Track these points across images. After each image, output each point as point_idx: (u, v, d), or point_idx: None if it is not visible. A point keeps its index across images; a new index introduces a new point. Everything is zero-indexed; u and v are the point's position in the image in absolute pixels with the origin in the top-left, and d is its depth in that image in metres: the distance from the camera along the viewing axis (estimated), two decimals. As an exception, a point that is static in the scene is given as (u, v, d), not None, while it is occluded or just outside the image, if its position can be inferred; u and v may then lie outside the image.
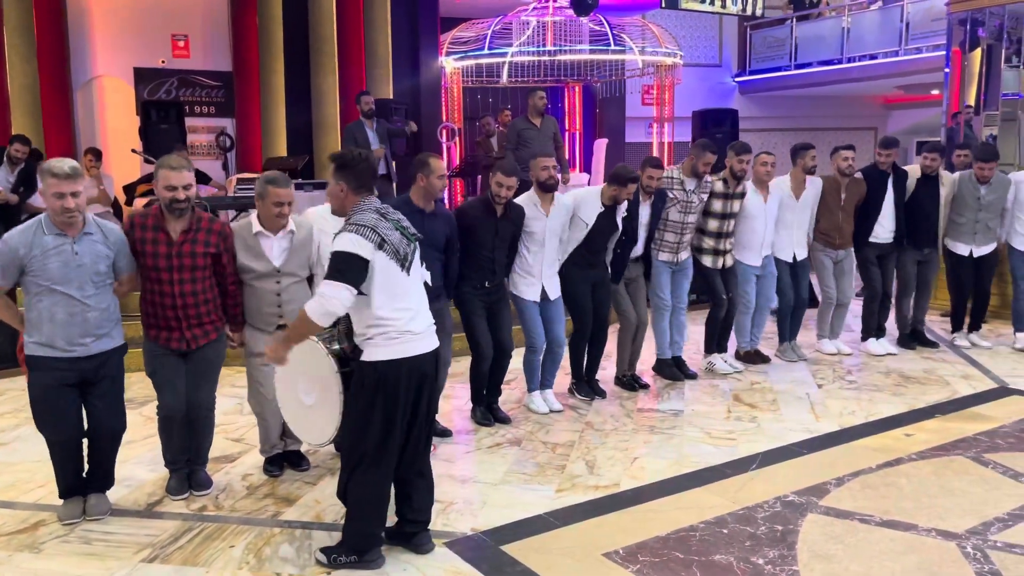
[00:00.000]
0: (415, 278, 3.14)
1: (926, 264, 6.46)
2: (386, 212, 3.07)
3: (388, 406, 3.02)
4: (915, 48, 11.92)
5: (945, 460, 4.19)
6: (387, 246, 2.98)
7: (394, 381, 3.01)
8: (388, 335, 3.01)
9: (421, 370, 3.09)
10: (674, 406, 5.16)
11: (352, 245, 2.92)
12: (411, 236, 3.13)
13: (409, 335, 3.04)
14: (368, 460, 3.06)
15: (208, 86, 10.04)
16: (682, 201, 5.46)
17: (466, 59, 9.92)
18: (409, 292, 3.09)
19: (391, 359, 3.00)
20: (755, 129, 13.77)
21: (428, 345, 3.12)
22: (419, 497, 3.26)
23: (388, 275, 3.00)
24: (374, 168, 3.15)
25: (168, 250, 3.57)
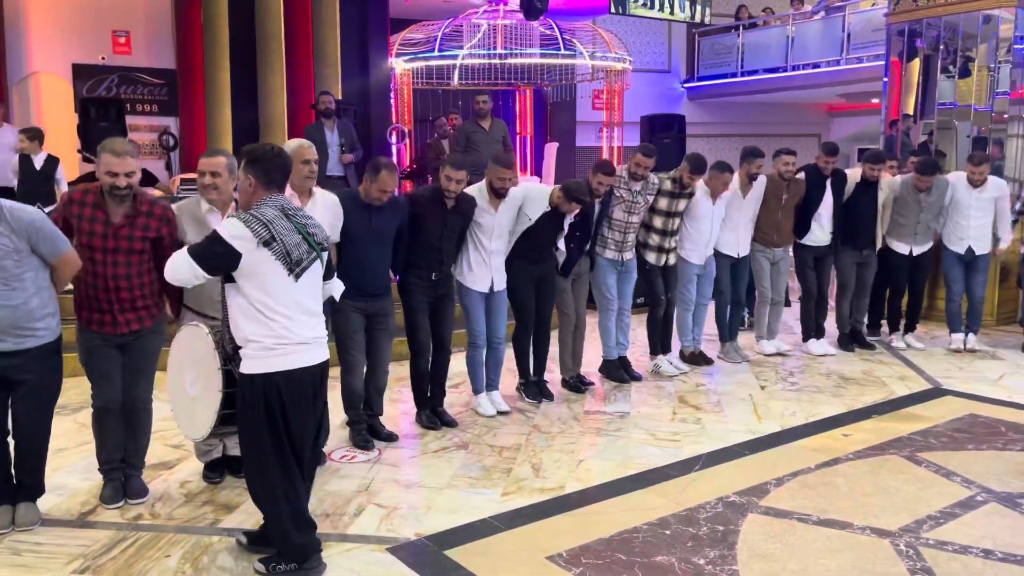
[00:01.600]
0: (307, 287, 2.99)
1: (864, 266, 6.64)
2: (292, 213, 2.98)
3: (271, 419, 2.93)
4: (856, 57, 12.24)
5: (881, 459, 4.30)
6: (275, 245, 2.86)
7: (274, 393, 2.90)
8: (263, 345, 2.89)
9: (303, 382, 2.97)
10: (620, 408, 5.20)
11: (226, 231, 2.85)
12: (315, 244, 3.01)
13: (287, 347, 2.91)
14: (269, 471, 2.98)
15: (150, 83, 9.82)
16: (627, 201, 5.52)
17: (416, 61, 9.87)
18: (294, 302, 2.94)
19: (266, 372, 2.89)
20: (703, 135, 13.99)
21: (311, 358, 2.99)
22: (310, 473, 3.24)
23: (272, 277, 2.87)
24: (287, 166, 3.06)
25: (104, 230, 3.43)
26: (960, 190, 6.50)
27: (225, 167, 3.65)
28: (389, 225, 4.38)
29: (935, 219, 6.59)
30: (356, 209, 4.27)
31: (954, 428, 4.77)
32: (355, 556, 3.26)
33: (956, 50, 9.07)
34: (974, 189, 6.44)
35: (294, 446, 3.03)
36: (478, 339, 4.98)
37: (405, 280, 4.65)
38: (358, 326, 4.36)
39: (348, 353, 4.36)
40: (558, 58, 9.93)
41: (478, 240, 4.87)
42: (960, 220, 6.50)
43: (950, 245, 6.58)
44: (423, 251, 4.61)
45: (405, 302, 4.70)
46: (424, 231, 4.57)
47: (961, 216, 6.49)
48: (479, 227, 4.84)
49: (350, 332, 4.33)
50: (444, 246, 4.65)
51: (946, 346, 6.68)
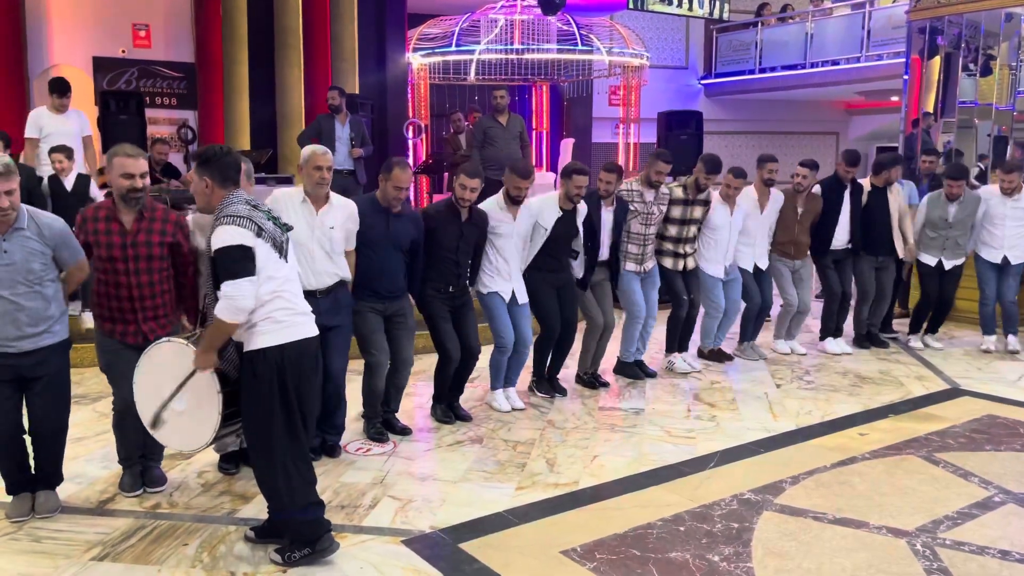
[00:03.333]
0: (292, 265, 3.18)
1: (883, 271, 6.61)
2: (256, 203, 3.10)
3: (283, 392, 3.04)
4: (876, 55, 12.13)
5: (897, 459, 4.27)
6: (265, 234, 3.02)
7: (284, 366, 3.04)
8: (274, 319, 3.04)
9: (308, 352, 3.14)
10: (635, 405, 5.19)
11: (235, 237, 2.93)
12: (283, 226, 3.17)
13: (295, 318, 3.09)
14: (283, 448, 3.06)
15: (170, 77, 9.86)
16: (643, 213, 5.50)
17: (433, 56, 9.87)
18: (289, 278, 3.13)
19: (281, 344, 3.03)
20: (720, 132, 13.93)
21: (311, 329, 3.18)
22: None
23: (269, 262, 3.02)
24: (238, 163, 3.14)
25: (122, 240, 3.49)
26: (992, 201, 6.45)
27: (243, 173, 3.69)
28: (406, 233, 4.39)
29: (965, 235, 6.52)
30: (374, 214, 4.29)
31: (972, 429, 4.74)
32: (370, 548, 3.28)
33: (978, 48, 8.98)
34: (1008, 198, 6.38)
35: (305, 421, 3.14)
36: (505, 343, 4.93)
37: (422, 293, 4.65)
38: (377, 326, 4.37)
39: (370, 354, 4.37)
40: (575, 54, 9.90)
41: (498, 251, 4.86)
42: (994, 230, 6.44)
43: (984, 255, 6.52)
44: (440, 265, 4.61)
45: (426, 313, 4.69)
46: (440, 245, 4.58)
47: (995, 226, 6.43)
48: (498, 237, 4.83)
49: (370, 332, 4.35)
50: (460, 259, 4.66)
51: (979, 347, 6.61)
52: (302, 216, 4.00)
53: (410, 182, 4.29)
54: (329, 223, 4.06)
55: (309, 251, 4.01)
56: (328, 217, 4.06)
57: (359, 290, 4.31)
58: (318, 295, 4.04)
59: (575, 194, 4.99)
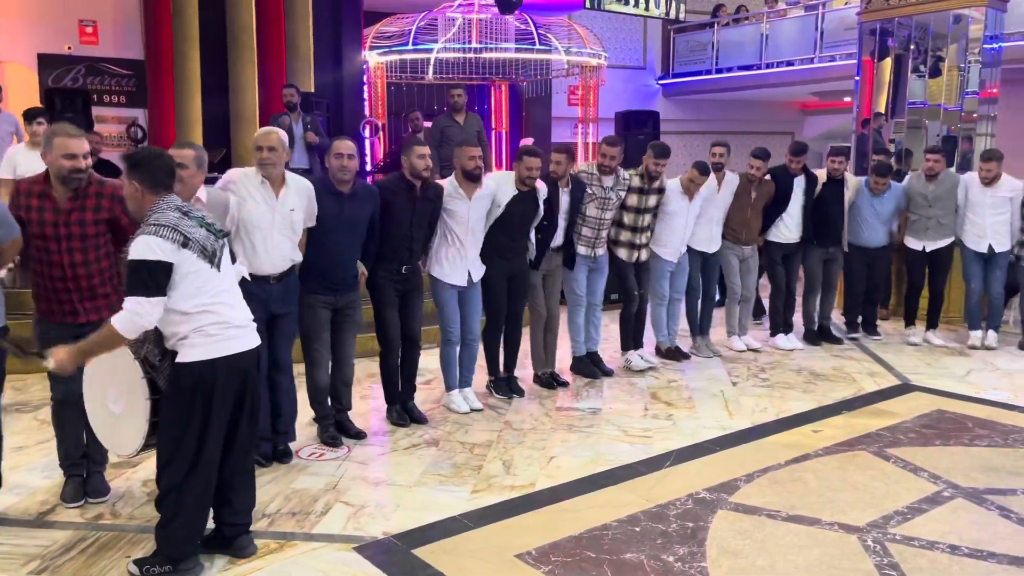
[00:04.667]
0: (227, 274, 3.03)
1: (831, 262, 6.72)
2: (188, 210, 2.95)
3: (206, 409, 2.92)
4: (829, 56, 12.32)
5: (849, 455, 4.32)
6: (192, 244, 2.86)
7: (212, 382, 2.91)
8: (205, 332, 2.90)
9: (242, 368, 3.00)
10: (592, 404, 5.18)
11: (149, 251, 2.78)
12: (218, 233, 3.04)
13: (227, 332, 2.94)
14: (186, 467, 2.94)
15: (118, 74, 9.62)
16: (600, 197, 5.50)
17: (390, 54, 9.78)
18: (223, 289, 2.98)
19: (209, 359, 2.90)
20: (678, 132, 14.02)
21: (249, 342, 3.04)
22: (240, 500, 3.16)
23: (198, 274, 2.88)
24: (170, 167, 3.00)
25: (55, 218, 3.36)
26: (974, 188, 6.57)
27: (193, 160, 3.58)
28: (361, 213, 4.33)
29: (948, 215, 6.64)
30: (328, 196, 4.21)
31: (922, 424, 4.81)
32: (321, 556, 3.21)
33: (927, 50, 9.14)
34: (987, 187, 6.49)
35: (230, 445, 3.02)
36: (452, 335, 4.93)
37: (373, 275, 4.59)
38: (325, 322, 4.30)
39: (312, 348, 4.32)
40: (533, 53, 9.89)
41: (452, 233, 4.81)
42: (976, 219, 6.56)
43: (969, 243, 6.63)
44: (393, 242, 4.55)
45: (374, 297, 4.65)
46: (394, 220, 4.51)
47: (976, 215, 6.55)
48: (452, 217, 4.78)
49: (316, 328, 4.28)
50: (415, 234, 4.60)
51: (965, 343, 6.71)
52: (262, 199, 3.92)
53: (352, 148, 4.20)
54: (290, 205, 3.99)
55: (268, 236, 3.93)
56: (288, 199, 3.98)
57: (309, 280, 4.22)
58: (272, 280, 3.97)
59: (526, 176, 4.95)
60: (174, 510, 2.97)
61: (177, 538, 2.99)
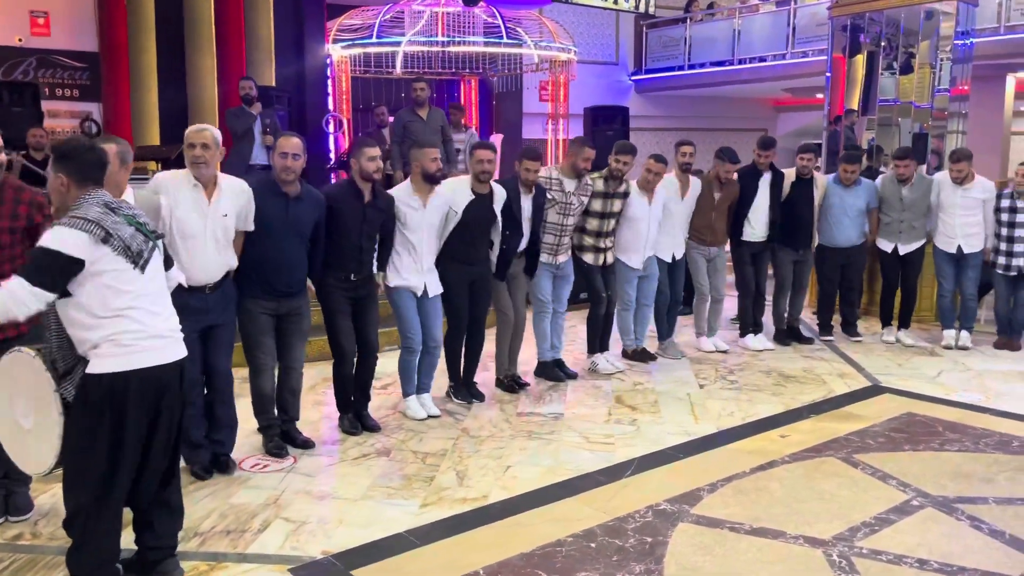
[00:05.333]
0: (153, 279, 2.78)
1: (802, 264, 6.59)
2: (117, 207, 2.73)
3: (116, 427, 2.67)
4: (801, 52, 12.23)
5: (817, 462, 4.17)
6: (114, 240, 2.63)
7: (123, 397, 2.66)
8: (118, 342, 2.64)
9: (160, 383, 2.75)
10: (555, 409, 5.00)
11: (59, 242, 2.55)
12: (150, 233, 2.79)
13: (145, 343, 2.69)
14: (95, 489, 2.69)
15: (71, 67, 9.29)
16: (561, 203, 5.31)
17: (354, 47, 9.52)
18: (145, 294, 2.73)
19: (121, 371, 2.64)
20: (650, 128, 13.90)
21: (170, 354, 2.78)
22: (163, 524, 2.94)
23: (117, 274, 2.64)
24: (102, 160, 2.78)
25: None
26: (946, 189, 6.44)
27: (115, 155, 3.35)
28: (307, 217, 4.10)
29: (920, 218, 6.52)
30: (271, 197, 3.99)
31: (892, 428, 4.68)
32: (253, 578, 3.00)
33: (898, 46, 9.06)
34: (959, 188, 6.36)
35: (142, 471, 2.80)
36: (413, 343, 4.72)
37: (323, 285, 4.37)
38: (266, 328, 4.07)
39: (254, 356, 4.08)
40: (500, 47, 9.68)
41: (408, 242, 4.61)
42: (947, 219, 6.43)
43: (940, 244, 6.51)
44: (342, 250, 4.33)
45: (324, 306, 4.42)
46: (341, 228, 4.29)
47: (947, 215, 6.42)
48: (406, 226, 4.58)
49: (256, 334, 4.05)
50: (364, 244, 4.37)
51: (940, 343, 6.58)
52: (193, 205, 3.68)
53: (298, 147, 3.96)
54: (223, 211, 3.75)
55: (201, 244, 3.70)
56: (222, 204, 3.75)
57: (248, 284, 3.98)
58: (207, 290, 3.74)
59: (480, 171, 4.76)
60: (83, 535, 2.74)
61: (89, 564, 2.76)
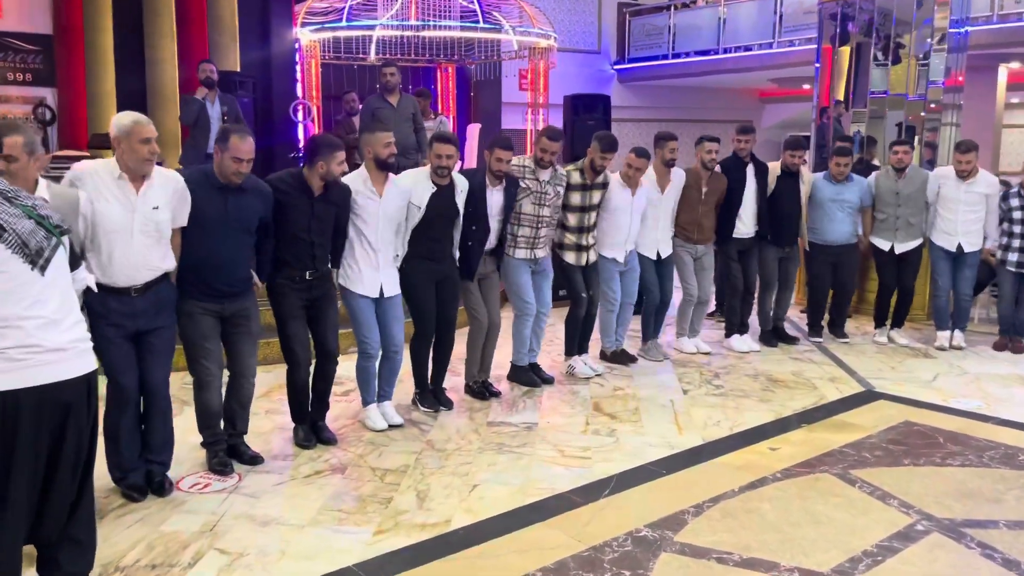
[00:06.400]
0: (54, 281, 2.41)
1: (787, 260, 6.28)
2: (14, 196, 2.37)
3: (6, 452, 2.32)
4: (788, 41, 11.92)
5: (811, 479, 3.83)
6: (8, 236, 2.28)
7: (15, 418, 2.30)
8: (10, 356, 2.29)
9: (59, 402, 2.40)
10: (528, 418, 4.64)
11: None
12: (53, 228, 2.42)
13: (37, 356, 2.33)
14: None
15: (23, 50, 8.75)
16: (535, 192, 4.95)
17: (323, 31, 9.08)
18: (42, 299, 2.37)
19: (8, 389, 2.30)
20: (633, 119, 13.56)
21: (70, 369, 2.42)
22: (69, 562, 2.56)
23: (11, 273, 2.29)
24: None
25: None
26: (948, 183, 6.10)
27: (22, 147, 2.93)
28: (250, 211, 3.70)
29: (917, 214, 6.20)
30: (208, 190, 3.58)
31: (889, 439, 4.36)
32: (176, 624, 2.62)
33: (889, 35, 8.76)
34: (963, 182, 6.03)
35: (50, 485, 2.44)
36: (370, 347, 4.34)
37: (273, 282, 3.98)
38: (210, 332, 3.67)
39: (198, 364, 3.68)
40: (477, 31, 9.26)
41: (362, 235, 4.22)
42: (947, 215, 6.10)
43: (937, 241, 6.18)
44: (292, 247, 3.94)
45: (275, 308, 4.03)
46: (290, 223, 3.90)
47: (948, 211, 6.09)
48: (361, 219, 4.19)
49: (199, 340, 3.65)
50: (316, 240, 3.98)
51: (932, 344, 6.28)
52: (118, 198, 3.27)
53: (252, 153, 3.58)
54: (153, 202, 3.34)
55: (124, 240, 3.29)
56: (151, 196, 3.34)
57: (187, 285, 3.60)
58: (133, 293, 3.34)
59: (438, 165, 4.39)
60: None
61: None
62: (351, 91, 8.83)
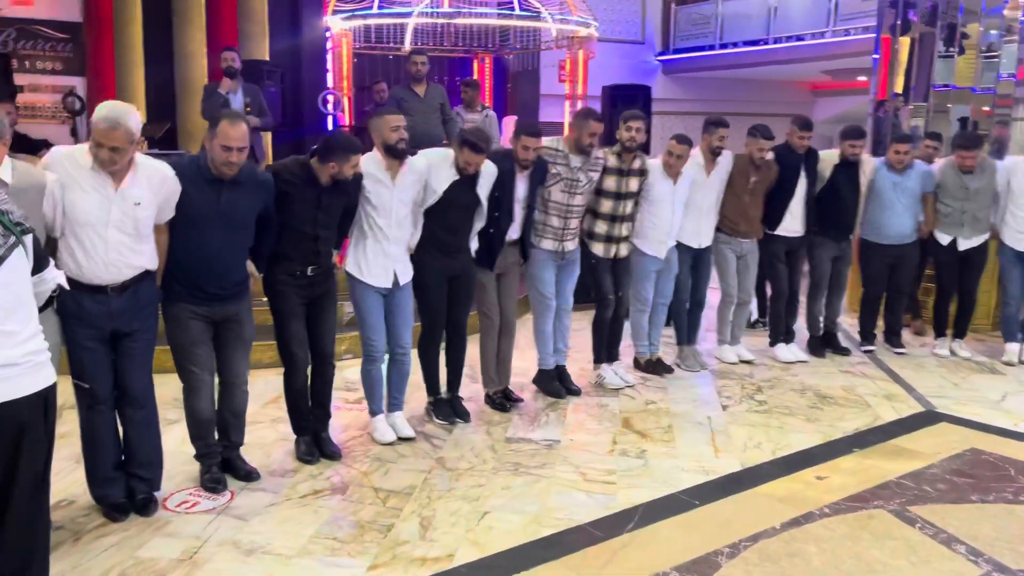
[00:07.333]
0: (7, 285, 2.13)
1: (841, 259, 5.78)
2: None
3: None
4: (843, 30, 11.31)
5: (863, 516, 3.40)
6: None
7: None
8: None
9: (15, 421, 2.15)
10: (550, 434, 4.27)
11: None
12: (12, 226, 2.15)
13: None
14: None
15: (53, 39, 8.66)
16: (566, 178, 4.57)
17: (354, 19, 8.80)
18: None
19: None
20: (677, 112, 13.05)
21: (27, 385, 2.17)
22: None
23: None
24: None
25: None
26: (1019, 176, 5.56)
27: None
28: (246, 206, 3.39)
29: (985, 208, 5.67)
30: (199, 183, 3.28)
31: (953, 469, 3.89)
32: (132, 675, 2.32)
33: (954, 25, 8.18)
34: None
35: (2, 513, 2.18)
36: (375, 349, 4.04)
37: (271, 278, 3.68)
38: (199, 336, 3.38)
39: (187, 371, 3.40)
40: (513, 19, 8.90)
41: (373, 223, 3.90)
42: (1019, 212, 5.56)
43: (1009, 241, 5.64)
44: (294, 240, 3.64)
45: (273, 306, 3.74)
46: (293, 216, 3.59)
47: (1020, 208, 5.55)
48: (373, 206, 3.87)
49: (188, 344, 3.36)
50: (321, 233, 3.67)
51: (1000, 358, 5.75)
52: (93, 187, 2.98)
53: (245, 140, 3.26)
54: (135, 198, 3.05)
55: (98, 235, 3.01)
56: (133, 189, 3.05)
57: (176, 286, 3.31)
58: (109, 291, 3.06)
59: (464, 169, 4.06)
60: None
61: None
62: (379, 81, 8.53)
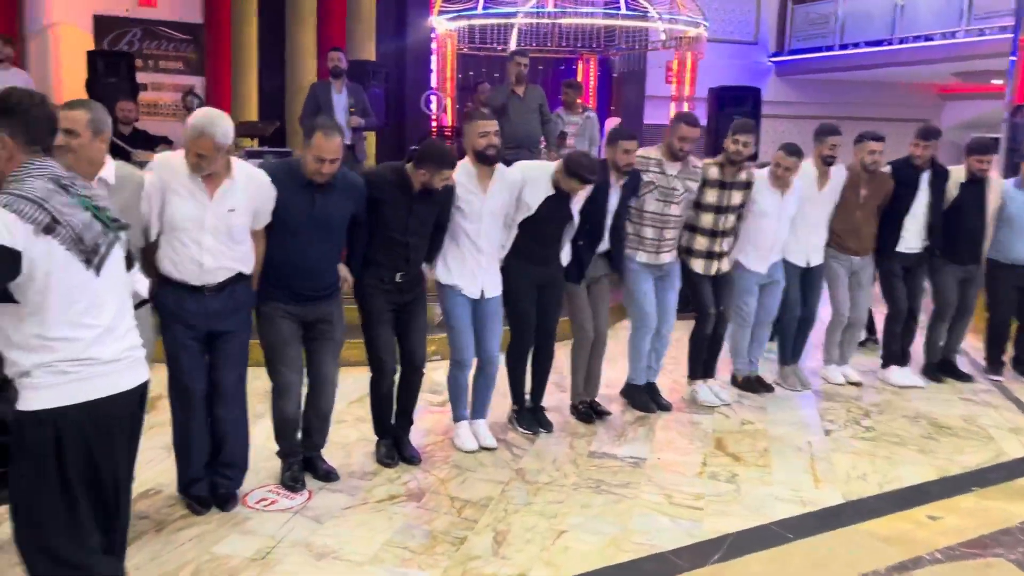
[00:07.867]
0: (111, 283, 2.12)
1: (969, 283, 5.33)
2: (69, 183, 2.06)
3: (61, 469, 2.07)
4: (978, 30, 10.51)
5: (981, 565, 3.08)
6: (62, 230, 1.98)
7: (64, 436, 2.04)
8: (57, 368, 2.02)
9: (112, 416, 2.14)
10: (636, 451, 4.09)
11: None
12: (110, 222, 2.12)
13: (91, 368, 2.07)
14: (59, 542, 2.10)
15: (176, 39, 9.10)
16: (661, 187, 4.38)
17: (459, 19, 8.82)
18: (99, 302, 2.09)
19: (60, 406, 2.04)
20: (790, 116, 12.48)
21: (124, 382, 2.16)
22: None
23: (65, 273, 2.01)
24: (52, 118, 2.11)
25: None
26: None
27: (86, 124, 2.76)
28: (339, 211, 3.40)
29: None
30: (295, 188, 3.30)
31: (1089, 518, 3.49)
32: (195, 675, 2.32)
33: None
34: None
35: (103, 501, 2.17)
36: (464, 357, 3.97)
37: (361, 282, 3.67)
38: (290, 337, 3.40)
39: (277, 371, 3.43)
40: (619, 19, 8.69)
41: (464, 233, 3.84)
42: None
43: None
44: (385, 247, 3.61)
45: (362, 308, 3.72)
46: (384, 222, 3.57)
47: None
48: (463, 215, 3.81)
49: (279, 344, 3.39)
50: (411, 241, 3.63)
51: None
52: (189, 193, 3.04)
53: (338, 153, 3.26)
54: (228, 205, 3.09)
55: (195, 239, 3.06)
56: (228, 197, 3.09)
57: (269, 287, 3.34)
58: (206, 292, 3.11)
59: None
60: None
61: None
62: (482, 82, 8.52)
